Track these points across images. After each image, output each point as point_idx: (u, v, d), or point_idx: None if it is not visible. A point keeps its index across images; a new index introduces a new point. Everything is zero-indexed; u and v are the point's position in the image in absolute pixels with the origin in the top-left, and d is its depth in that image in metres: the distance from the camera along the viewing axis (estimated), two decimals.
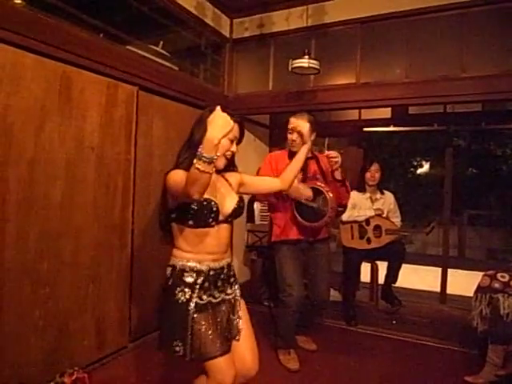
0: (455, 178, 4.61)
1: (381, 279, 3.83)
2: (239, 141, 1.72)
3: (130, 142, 2.81)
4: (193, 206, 1.55)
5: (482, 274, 2.69)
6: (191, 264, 1.63)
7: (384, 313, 3.78)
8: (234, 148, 1.69)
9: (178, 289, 1.61)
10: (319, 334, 3.18)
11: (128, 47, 2.96)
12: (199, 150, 1.31)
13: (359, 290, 3.92)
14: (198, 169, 1.30)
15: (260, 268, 4.12)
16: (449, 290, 4.22)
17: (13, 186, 2.07)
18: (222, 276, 1.70)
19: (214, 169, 1.35)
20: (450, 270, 4.27)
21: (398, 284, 3.74)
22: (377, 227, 3.58)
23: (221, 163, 1.68)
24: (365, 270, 4.00)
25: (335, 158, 2.45)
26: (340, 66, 3.81)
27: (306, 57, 3.06)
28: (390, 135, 11.97)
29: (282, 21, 3.72)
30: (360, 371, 2.69)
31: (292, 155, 2.74)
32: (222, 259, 1.70)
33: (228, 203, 1.68)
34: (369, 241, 3.59)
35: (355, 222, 3.63)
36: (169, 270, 1.68)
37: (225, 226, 1.69)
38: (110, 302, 2.71)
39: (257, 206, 4.08)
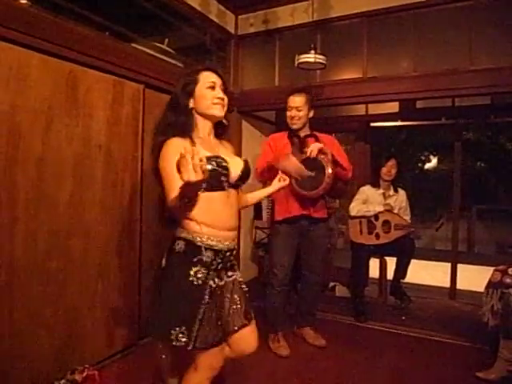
0: (464, 173, 4.56)
1: (389, 275, 3.81)
2: (224, 88, 1.68)
3: (136, 140, 2.82)
4: (207, 167, 1.44)
5: (491, 268, 2.67)
6: (211, 242, 1.50)
7: (393, 308, 3.75)
8: (220, 94, 1.63)
9: (194, 269, 1.47)
10: (328, 329, 3.17)
11: (133, 45, 2.96)
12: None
13: (368, 286, 3.89)
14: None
15: (268, 265, 4.11)
16: (458, 286, 4.18)
17: (21, 185, 2.09)
18: (232, 258, 1.65)
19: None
20: (459, 265, 4.22)
21: (406, 279, 3.71)
22: (386, 222, 3.55)
23: (216, 110, 1.62)
24: (373, 265, 3.97)
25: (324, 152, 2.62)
26: (347, 60, 3.77)
27: (312, 52, 3.03)
28: (397, 130, 11.90)
29: (287, 16, 3.69)
30: (369, 367, 2.67)
31: (292, 134, 2.86)
32: (235, 238, 1.64)
33: (234, 167, 1.60)
34: (377, 236, 3.56)
35: (364, 217, 3.60)
36: (180, 244, 1.51)
37: (233, 192, 1.63)
38: (119, 300, 2.72)
39: (264, 202, 4.07)
